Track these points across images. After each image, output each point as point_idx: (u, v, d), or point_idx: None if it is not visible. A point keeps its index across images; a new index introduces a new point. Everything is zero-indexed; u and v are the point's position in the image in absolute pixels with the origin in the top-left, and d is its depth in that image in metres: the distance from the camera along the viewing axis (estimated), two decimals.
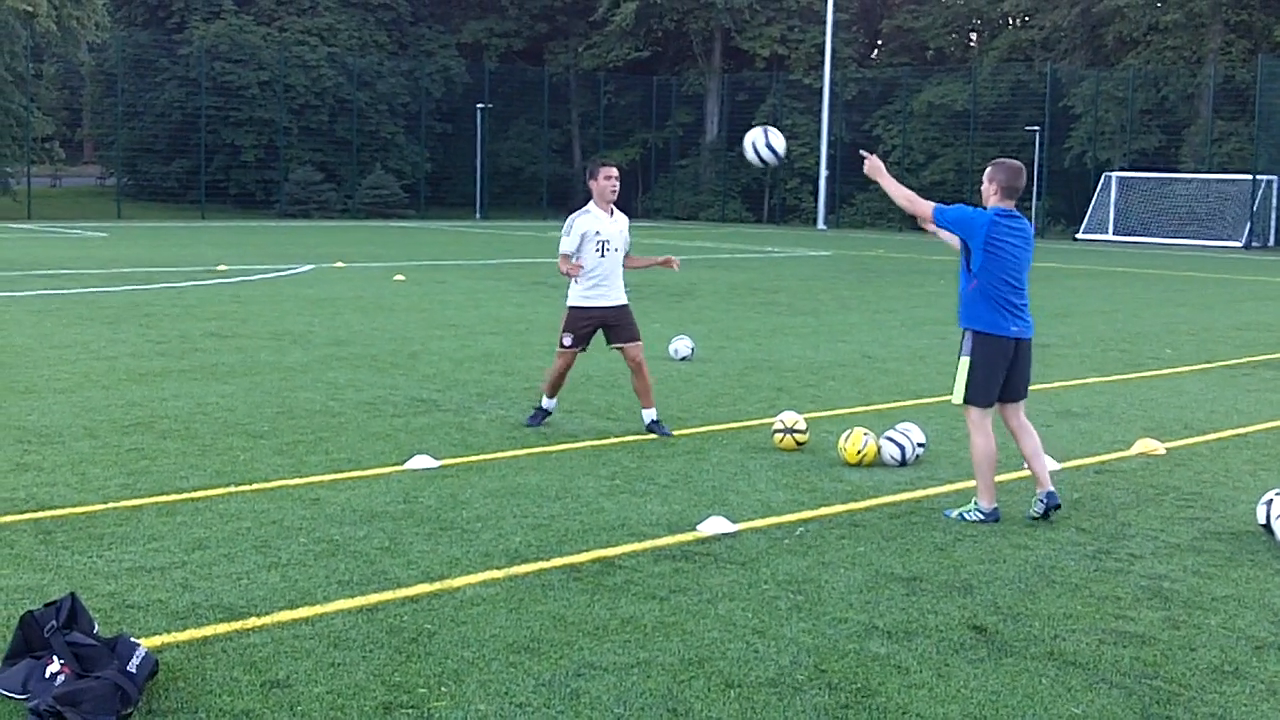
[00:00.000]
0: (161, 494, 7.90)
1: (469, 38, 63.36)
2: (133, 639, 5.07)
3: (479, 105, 58.34)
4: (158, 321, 16.43)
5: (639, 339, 10.24)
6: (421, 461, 8.83)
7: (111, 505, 7.61)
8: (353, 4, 60.64)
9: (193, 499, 7.81)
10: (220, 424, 10.09)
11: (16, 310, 17.44)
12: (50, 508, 7.51)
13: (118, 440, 9.39)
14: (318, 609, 5.94)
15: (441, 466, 8.79)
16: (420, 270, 26.43)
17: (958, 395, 7.85)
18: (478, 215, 57.04)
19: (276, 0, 59.44)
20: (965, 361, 7.79)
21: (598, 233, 10.03)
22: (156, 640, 5.42)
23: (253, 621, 5.75)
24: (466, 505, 7.79)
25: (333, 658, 5.36)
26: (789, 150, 16.73)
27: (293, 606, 5.96)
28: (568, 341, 10.19)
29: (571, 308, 10.22)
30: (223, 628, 5.67)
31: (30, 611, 5.15)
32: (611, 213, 10.18)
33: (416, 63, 60.45)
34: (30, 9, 47.70)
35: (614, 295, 10.13)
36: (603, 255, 10.03)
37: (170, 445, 9.27)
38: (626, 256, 10.26)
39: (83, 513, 7.43)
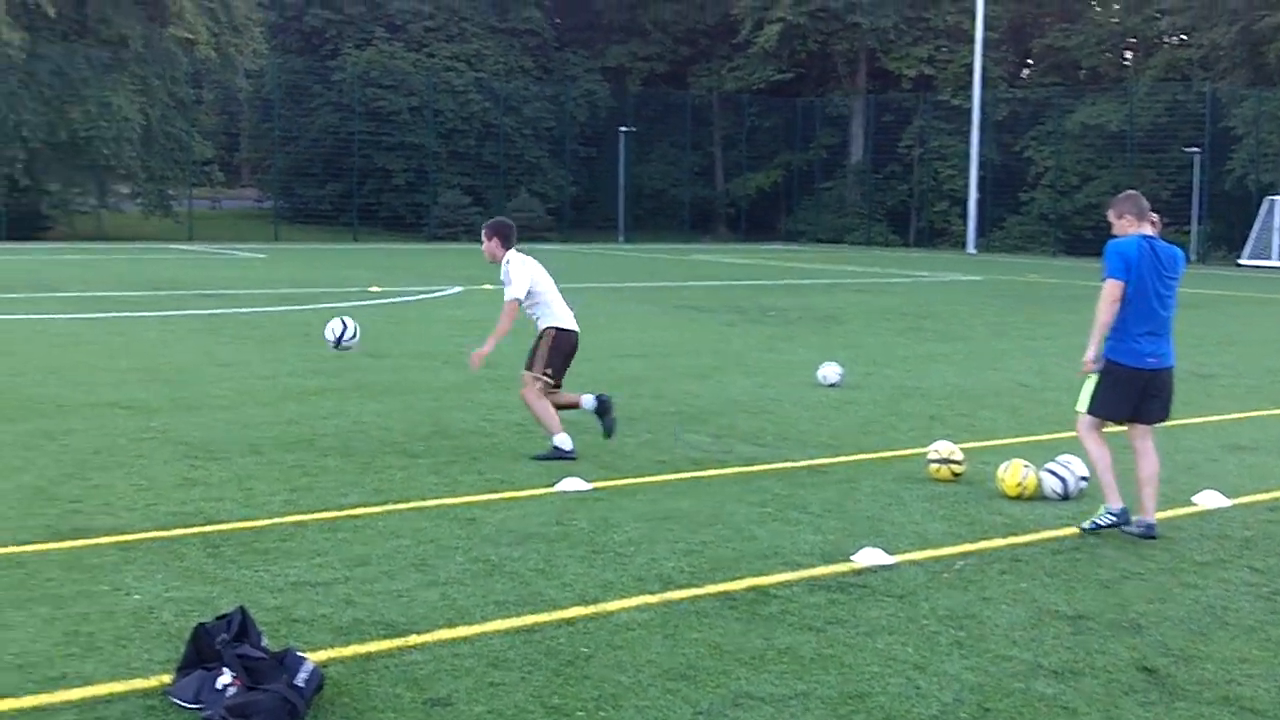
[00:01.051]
0: (323, 510, 8.06)
1: (612, 61, 63.84)
2: (300, 653, 5.17)
3: (622, 129, 58.72)
4: (315, 341, 16.75)
5: None
6: (573, 484, 8.87)
7: (276, 520, 7.78)
8: (499, 30, 61.51)
9: (353, 516, 7.94)
10: (377, 442, 10.26)
11: (180, 329, 17.97)
12: (217, 522, 7.69)
13: (280, 457, 9.60)
14: (476, 628, 5.99)
15: (593, 489, 8.82)
16: (564, 293, 26.55)
17: (1082, 404, 8.04)
18: (620, 238, 57.35)
19: (426, 27, 60.52)
20: (1096, 377, 7.95)
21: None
22: (321, 655, 5.51)
23: (413, 639, 5.82)
24: (618, 529, 7.80)
25: (492, 677, 5.40)
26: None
27: (452, 625, 6.03)
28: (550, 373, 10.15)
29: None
30: (385, 644, 5.75)
31: (202, 624, 5.27)
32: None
33: (561, 87, 61.09)
34: (191, 36, 49.19)
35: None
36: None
37: (330, 462, 9.45)
38: None
39: (248, 527, 7.60)
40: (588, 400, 10.28)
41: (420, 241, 53.46)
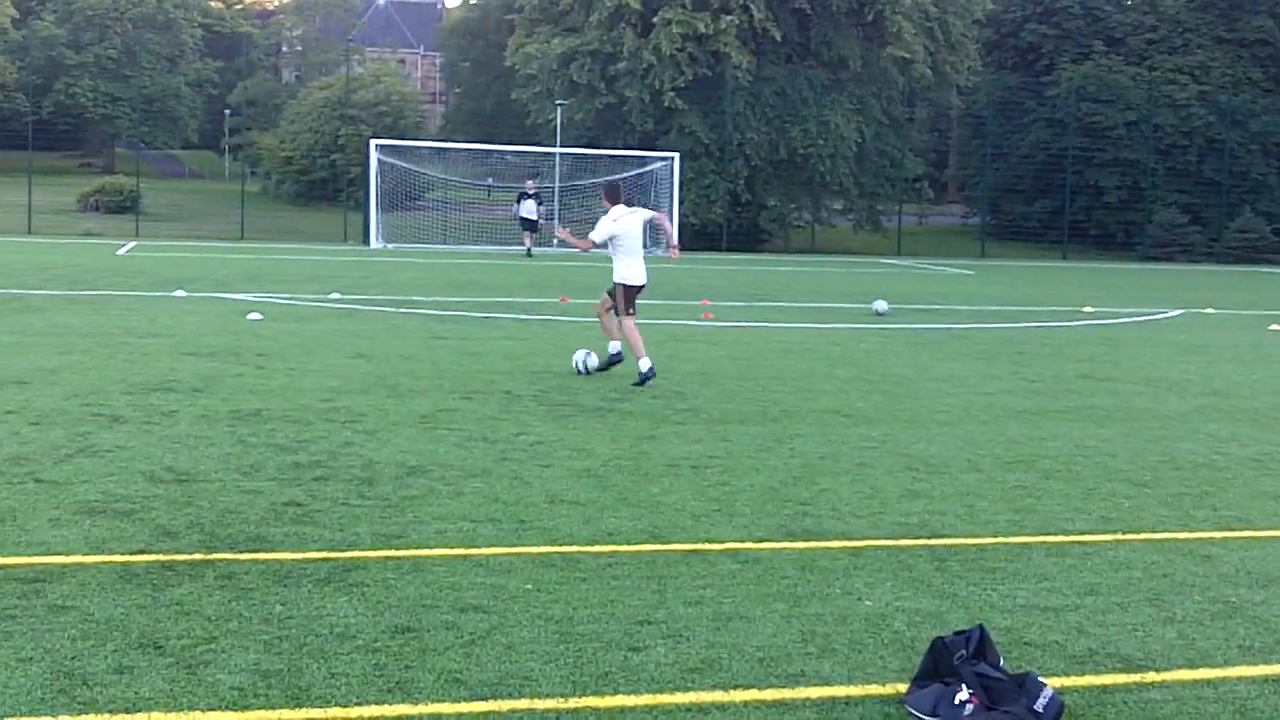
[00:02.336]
0: (1048, 534, 7.90)
1: None
2: (1039, 678, 5.07)
3: None
4: (1029, 360, 16.61)
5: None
6: None
7: (1000, 540, 7.71)
8: (1226, 40, 58.19)
9: (1080, 542, 7.73)
10: (1101, 469, 9.94)
11: (895, 342, 18.39)
12: (942, 536, 7.74)
13: (1001, 476, 9.53)
14: (1218, 672, 5.64)
15: None
16: None
17: None
18: None
19: (1147, 40, 58.41)
20: None
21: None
22: (1055, 682, 5.37)
23: (1150, 676, 5.56)
24: None
25: None
26: None
27: (1191, 666, 5.70)
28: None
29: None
30: (1120, 678, 5.53)
31: (940, 637, 5.30)
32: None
33: None
34: (908, 56, 50.40)
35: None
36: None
37: (1053, 485, 9.27)
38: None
39: (973, 544, 7.59)
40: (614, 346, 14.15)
41: (1132, 261, 51.65)
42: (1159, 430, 11.77)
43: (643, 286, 14.00)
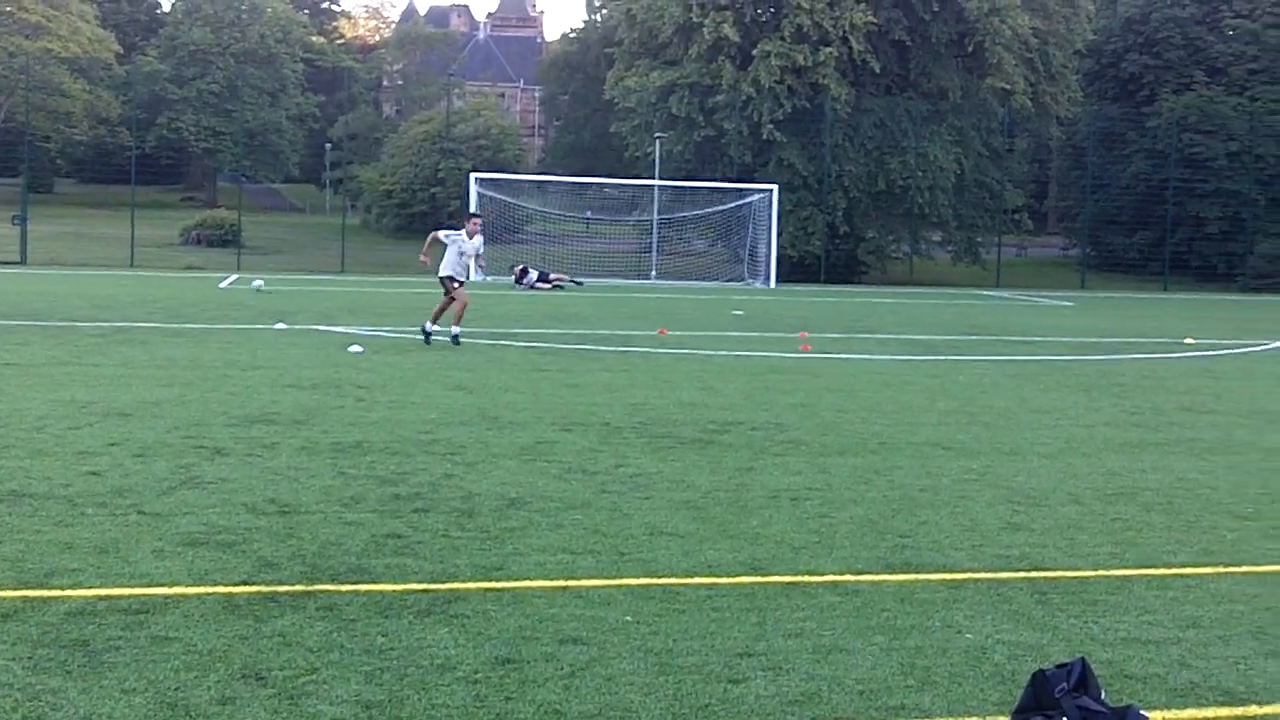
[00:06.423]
0: (1150, 566, 7.85)
1: None
2: (1141, 711, 5.06)
3: None
4: (1130, 392, 16.44)
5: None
6: None
7: (1101, 572, 7.68)
8: None
9: (1181, 575, 7.67)
10: (1202, 501, 9.84)
11: (995, 374, 18.27)
12: (1043, 568, 7.72)
13: (1102, 508, 9.47)
14: None
15: None
16: None
17: None
18: None
19: (1249, 70, 57.56)
20: None
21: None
22: (1156, 715, 5.36)
23: (1253, 709, 5.54)
24: None
25: None
26: None
27: None
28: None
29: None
30: (1223, 712, 5.51)
31: (1041, 670, 5.29)
32: (471, 236, 20.82)
33: None
34: (1008, 87, 50.07)
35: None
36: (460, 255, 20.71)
37: (1154, 518, 9.20)
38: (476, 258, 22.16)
39: (1074, 577, 7.56)
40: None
41: (1234, 293, 50.78)
42: (1261, 462, 11.63)
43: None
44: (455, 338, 20.35)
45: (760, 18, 50.64)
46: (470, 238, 20.71)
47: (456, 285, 20.65)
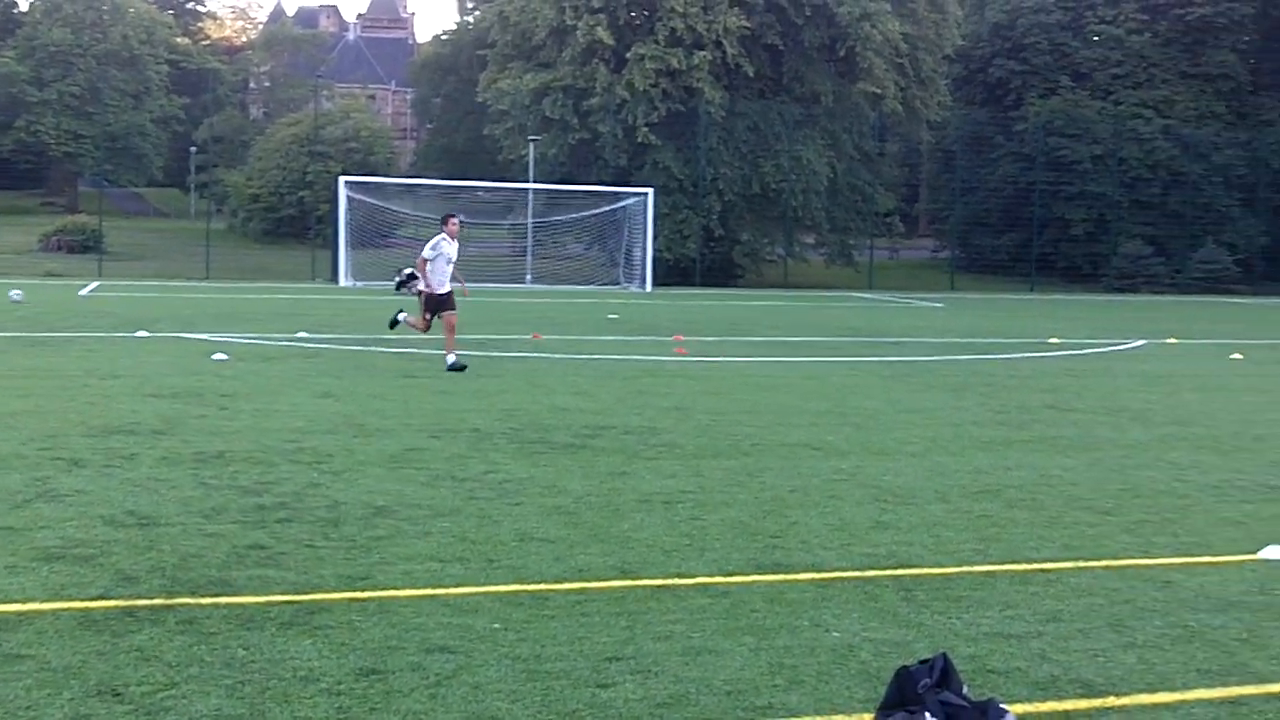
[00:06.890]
0: (1013, 562, 7.98)
1: None
2: (1002, 704, 5.12)
3: None
4: (996, 392, 16.74)
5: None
6: (1276, 552, 8.26)
7: (966, 569, 7.78)
8: (1190, 75, 58.90)
9: (1043, 569, 7.80)
10: (1065, 497, 10.04)
11: (866, 375, 18.49)
12: (909, 566, 7.80)
13: (968, 506, 9.61)
14: (1177, 695, 5.71)
15: None
16: (1258, 349, 25.00)
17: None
18: None
19: (1113, 74, 59.03)
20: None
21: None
22: (1018, 708, 5.42)
23: (1112, 700, 5.63)
24: None
25: None
26: None
27: (1151, 690, 5.77)
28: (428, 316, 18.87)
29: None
30: (1082, 703, 5.59)
31: (905, 666, 5.34)
32: (454, 238, 18.81)
33: (1255, 133, 57.44)
34: (879, 91, 50.78)
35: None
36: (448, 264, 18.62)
37: (1018, 514, 9.35)
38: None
39: (939, 573, 7.66)
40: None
41: (1098, 292, 52.05)
42: (1121, 459, 11.90)
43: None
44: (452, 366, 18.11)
45: (634, 21, 50.77)
46: (452, 239, 19.05)
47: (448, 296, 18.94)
